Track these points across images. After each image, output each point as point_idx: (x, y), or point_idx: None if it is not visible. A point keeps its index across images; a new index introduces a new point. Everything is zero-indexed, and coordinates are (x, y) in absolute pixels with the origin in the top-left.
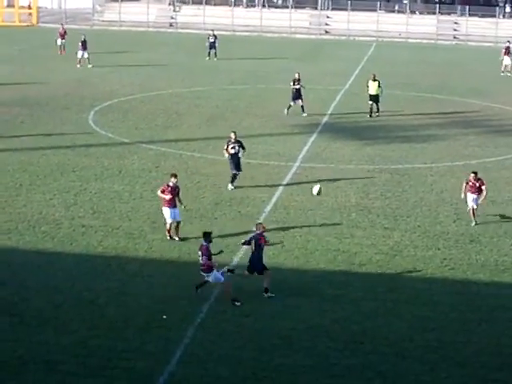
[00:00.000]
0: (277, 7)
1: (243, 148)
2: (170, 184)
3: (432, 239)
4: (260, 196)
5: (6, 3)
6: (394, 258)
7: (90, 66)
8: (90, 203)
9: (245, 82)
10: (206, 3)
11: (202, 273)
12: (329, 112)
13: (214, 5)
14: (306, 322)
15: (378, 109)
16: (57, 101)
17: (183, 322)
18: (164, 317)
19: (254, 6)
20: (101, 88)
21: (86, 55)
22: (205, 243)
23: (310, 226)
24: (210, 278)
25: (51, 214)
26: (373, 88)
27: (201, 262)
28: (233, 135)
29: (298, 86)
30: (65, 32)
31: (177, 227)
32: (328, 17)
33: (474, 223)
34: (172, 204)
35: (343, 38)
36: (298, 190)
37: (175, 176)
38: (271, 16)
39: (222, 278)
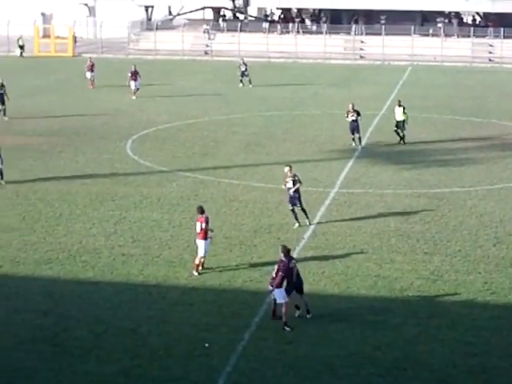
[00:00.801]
0: (311, 33)
1: (300, 182)
2: (206, 215)
3: (473, 263)
4: (299, 222)
5: (41, 33)
6: (435, 282)
7: (133, 97)
8: (129, 232)
9: (281, 108)
10: (241, 30)
11: (270, 286)
12: (366, 137)
13: (249, 32)
14: (347, 349)
15: (403, 135)
16: (94, 130)
17: (225, 350)
18: (206, 345)
19: (288, 33)
20: (138, 117)
21: (133, 86)
22: (285, 259)
23: (349, 252)
24: (276, 294)
25: (91, 243)
26: (399, 114)
27: (273, 275)
28: (287, 169)
29: (354, 118)
30: (93, 65)
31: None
32: (362, 42)
33: None
34: (206, 236)
35: (378, 62)
36: (337, 215)
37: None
38: (306, 42)
39: (287, 299)
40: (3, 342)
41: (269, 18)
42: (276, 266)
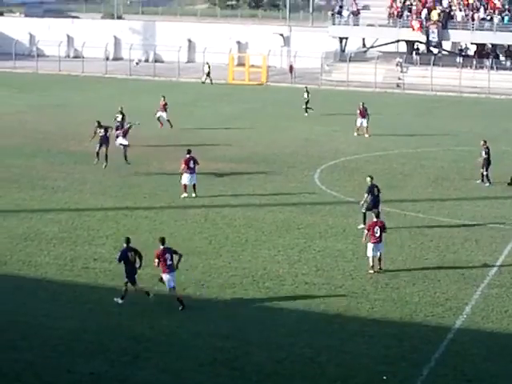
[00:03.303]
0: (505, 69)
1: (379, 191)
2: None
3: None
4: (484, 259)
5: (236, 62)
6: None
7: (367, 135)
8: (313, 261)
9: (471, 143)
10: (434, 64)
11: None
12: None
13: (442, 66)
14: None
15: None
16: (284, 158)
17: None
18: (384, 378)
19: (482, 68)
20: (327, 147)
21: (364, 123)
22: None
23: None
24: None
25: (275, 270)
26: None
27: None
28: (368, 179)
29: (485, 156)
30: (165, 104)
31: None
32: None
33: None
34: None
35: None
36: None
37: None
38: (499, 78)
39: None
40: (184, 364)
41: (463, 53)
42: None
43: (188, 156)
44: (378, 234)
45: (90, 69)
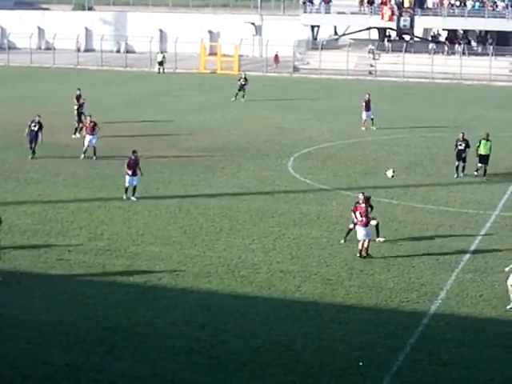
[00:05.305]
0: (476, 55)
1: (371, 207)
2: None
3: None
4: (458, 244)
5: (208, 51)
6: None
7: (373, 127)
8: (288, 249)
9: (444, 129)
10: (406, 51)
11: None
12: None
13: (414, 52)
14: (503, 374)
15: (485, 170)
16: (257, 147)
17: (379, 369)
18: (360, 364)
19: (454, 54)
20: (300, 135)
21: (364, 116)
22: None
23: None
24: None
25: (250, 258)
26: (484, 148)
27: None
28: (361, 196)
29: (462, 147)
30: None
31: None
32: None
33: None
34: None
35: None
36: (497, 239)
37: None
38: (471, 63)
39: None
40: (160, 353)
41: (435, 39)
42: None
43: (133, 157)
44: (360, 218)
45: (62, 60)
